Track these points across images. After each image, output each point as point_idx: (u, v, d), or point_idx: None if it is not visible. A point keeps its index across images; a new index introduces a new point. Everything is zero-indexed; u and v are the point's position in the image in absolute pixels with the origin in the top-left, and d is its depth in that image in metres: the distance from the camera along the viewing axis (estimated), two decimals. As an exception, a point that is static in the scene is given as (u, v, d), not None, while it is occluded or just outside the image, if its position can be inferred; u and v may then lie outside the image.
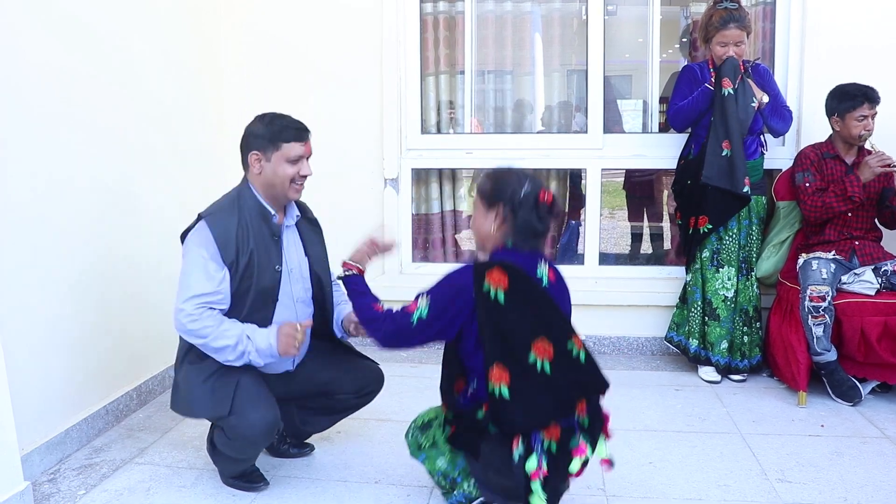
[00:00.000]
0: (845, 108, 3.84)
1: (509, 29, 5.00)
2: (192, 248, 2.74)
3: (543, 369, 2.29)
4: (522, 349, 2.29)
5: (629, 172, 6.06)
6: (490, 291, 2.29)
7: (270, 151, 2.79)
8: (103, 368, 3.56)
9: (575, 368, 2.36)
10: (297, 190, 2.86)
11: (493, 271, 2.31)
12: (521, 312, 2.31)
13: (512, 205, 2.39)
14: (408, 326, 2.41)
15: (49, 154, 3.18)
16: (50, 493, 2.95)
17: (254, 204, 2.83)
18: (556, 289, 2.47)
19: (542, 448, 2.29)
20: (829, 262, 3.82)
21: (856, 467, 3.12)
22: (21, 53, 3.03)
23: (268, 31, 4.76)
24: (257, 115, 2.88)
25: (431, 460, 2.59)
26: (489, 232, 2.44)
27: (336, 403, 3.09)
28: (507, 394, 2.26)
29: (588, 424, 2.39)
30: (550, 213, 2.43)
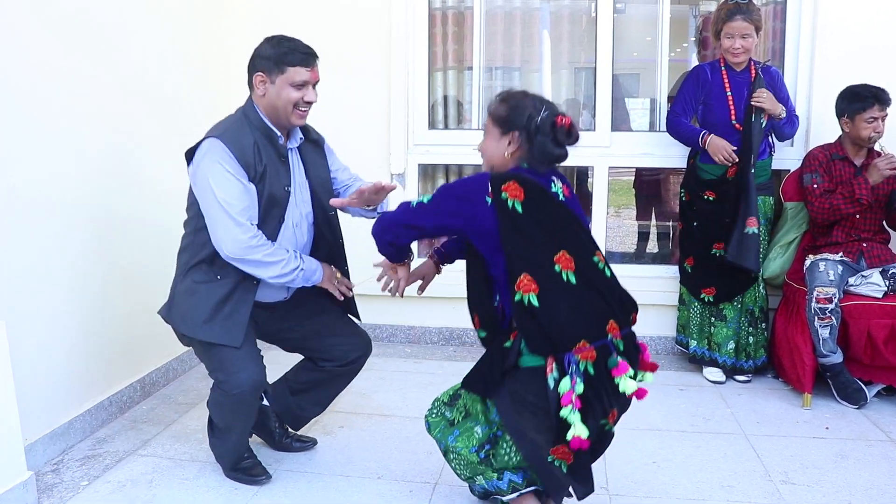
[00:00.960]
0: (855, 110, 3.82)
1: (518, 25, 4.98)
2: (212, 166, 2.67)
3: (569, 280, 2.27)
4: (546, 259, 2.27)
5: (639, 171, 6.04)
6: (508, 201, 2.27)
7: (275, 74, 2.76)
8: (107, 360, 3.56)
9: (602, 281, 2.35)
10: (300, 115, 2.82)
11: (510, 183, 2.29)
12: (540, 223, 2.29)
13: (528, 131, 2.37)
14: (405, 207, 2.41)
15: (55, 145, 3.19)
16: (53, 484, 2.96)
17: (260, 125, 2.81)
18: (571, 203, 2.45)
19: (577, 370, 2.23)
20: (836, 264, 3.81)
21: (860, 470, 3.11)
22: (27, 44, 3.03)
23: (275, 24, 4.73)
24: (266, 37, 2.84)
25: (467, 435, 2.50)
26: (503, 157, 2.43)
27: (322, 375, 3.09)
28: (536, 302, 2.23)
29: (623, 348, 2.33)
30: (569, 136, 2.40)
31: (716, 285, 4.12)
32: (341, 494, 2.91)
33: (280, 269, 2.72)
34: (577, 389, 2.22)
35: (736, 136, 4.01)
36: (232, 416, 2.88)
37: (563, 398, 2.22)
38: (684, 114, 4.19)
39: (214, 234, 2.70)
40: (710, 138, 4.01)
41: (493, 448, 2.49)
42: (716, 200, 4.08)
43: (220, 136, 2.71)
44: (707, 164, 4.11)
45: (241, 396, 2.77)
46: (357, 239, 3.28)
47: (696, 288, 4.21)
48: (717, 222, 4.07)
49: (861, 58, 4.25)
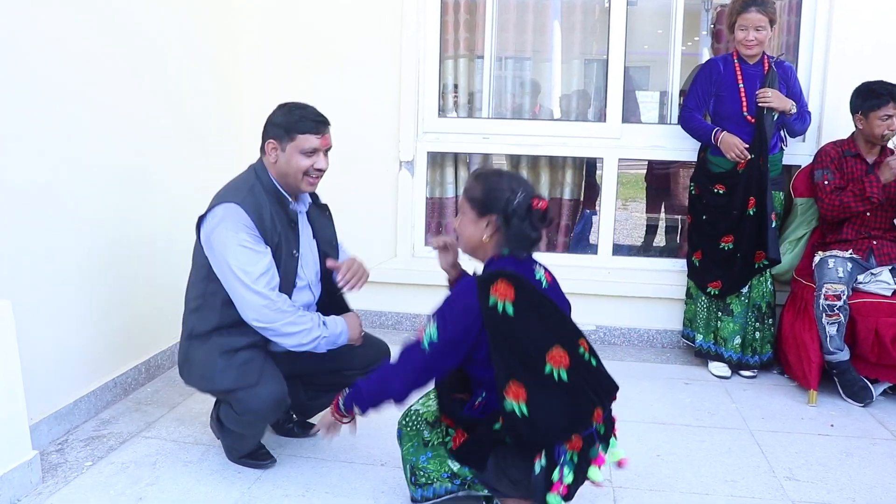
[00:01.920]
0: (870, 107, 3.79)
1: (530, 14, 4.96)
2: (230, 235, 2.66)
3: (560, 377, 2.23)
4: (537, 361, 2.23)
5: (651, 164, 6.02)
6: (497, 305, 2.22)
7: (286, 141, 2.76)
8: (112, 342, 3.56)
9: (589, 373, 2.32)
10: (310, 183, 2.83)
11: (498, 284, 2.24)
12: (532, 323, 2.25)
13: (505, 214, 2.33)
14: (421, 356, 2.32)
15: (67, 135, 3.19)
16: (57, 463, 2.97)
17: (272, 189, 2.81)
18: (553, 291, 2.44)
19: (566, 460, 2.25)
20: (845, 261, 3.79)
21: (865, 468, 3.10)
22: (42, 36, 3.04)
23: (286, 13, 4.73)
24: (279, 104, 2.84)
25: (440, 461, 2.52)
26: (480, 240, 2.40)
27: (343, 380, 3.06)
28: (525, 411, 2.20)
29: (603, 431, 2.36)
30: (544, 220, 2.36)
31: (722, 279, 4.11)
32: (344, 480, 2.91)
33: (300, 338, 2.71)
34: (565, 480, 2.24)
35: (748, 128, 3.99)
36: (251, 428, 2.88)
37: (554, 487, 2.24)
38: (697, 109, 4.17)
39: (236, 303, 2.71)
40: (722, 135, 4.00)
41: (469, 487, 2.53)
42: (725, 194, 4.07)
43: (240, 202, 2.71)
44: (717, 157, 4.09)
45: (263, 413, 2.76)
46: (361, 228, 3.27)
47: (702, 282, 4.20)
48: (727, 216, 4.06)
49: (876, 54, 4.21)
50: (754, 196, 3.96)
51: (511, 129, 4.81)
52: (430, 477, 2.55)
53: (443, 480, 2.54)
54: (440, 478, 2.54)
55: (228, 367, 2.75)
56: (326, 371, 3.04)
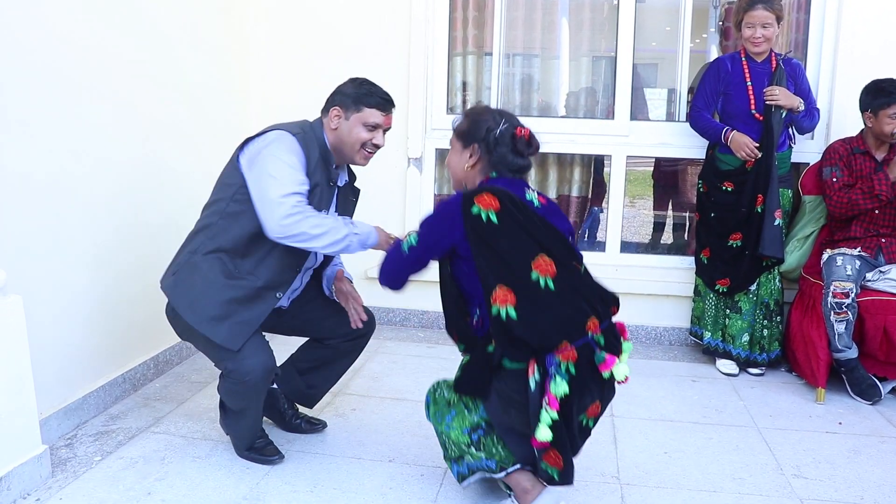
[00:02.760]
0: (879, 105, 3.78)
1: (539, 11, 4.96)
2: (282, 154, 2.69)
3: (547, 286, 2.27)
4: (523, 267, 2.28)
5: (659, 161, 6.01)
6: (481, 213, 2.29)
7: (352, 111, 2.82)
8: (121, 337, 3.58)
9: (580, 283, 2.36)
10: (364, 156, 2.90)
11: (483, 195, 2.32)
12: (517, 231, 2.30)
13: (487, 142, 2.43)
14: (399, 256, 2.46)
15: (76, 125, 3.20)
16: (67, 458, 2.98)
17: (323, 147, 2.85)
18: (548, 210, 2.47)
19: (560, 370, 2.23)
20: (854, 259, 3.78)
21: (873, 466, 3.09)
22: (52, 28, 3.04)
23: (295, 7, 4.74)
24: (351, 77, 2.92)
25: (461, 417, 2.51)
26: (464, 169, 2.49)
27: (329, 352, 3.12)
28: (514, 314, 2.24)
29: (604, 343, 2.34)
30: (528, 146, 2.46)
31: (730, 276, 4.11)
32: (352, 477, 2.91)
33: (331, 237, 2.67)
34: (554, 390, 2.22)
35: (756, 125, 3.99)
36: (244, 400, 2.89)
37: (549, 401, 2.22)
38: (706, 108, 4.17)
39: (263, 214, 2.67)
40: (732, 134, 3.99)
41: (485, 436, 2.50)
42: (734, 191, 4.06)
43: (295, 134, 2.76)
44: (725, 154, 4.09)
45: (254, 383, 2.78)
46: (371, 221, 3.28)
47: (710, 279, 4.20)
48: (735, 213, 4.06)
49: (885, 52, 4.20)
50: (762, 194, 3.96)
51: (519, 125, 4.80)
52: (460, 447, 2.53)
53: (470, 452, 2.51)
54: (466, 446, 2.51)
55: (222, 318, 2.73)
56: (309, 331, 3.11)
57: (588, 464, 2.98)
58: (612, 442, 3.25)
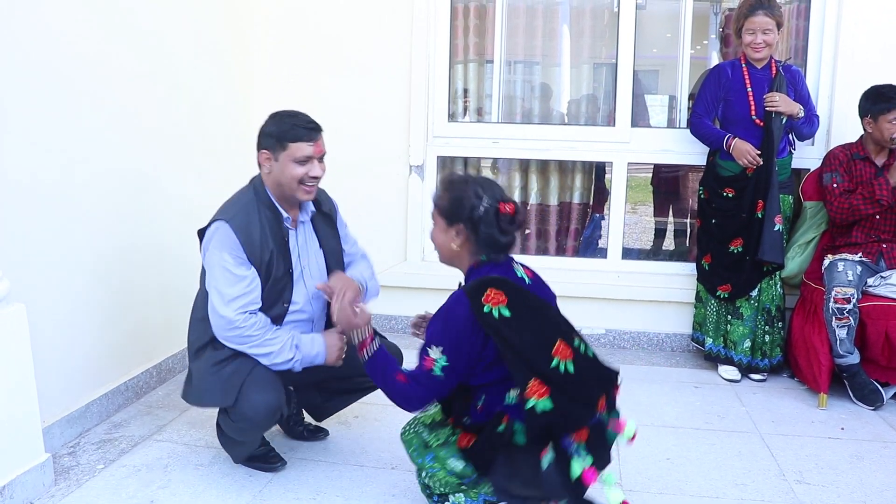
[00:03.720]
0: (879, 110, 3.79)
1: (540, 19, 4.97)
2: (216, 254, 2.70)
3: (567, 370, 2.25)
4: (544, 357, 2.25)
5: (657, 168, 6.02)
6: (493, 312, 2.25)
7: (278, 151, 2.74)
8: (124, 346, 3.58)
9: (590, 363, 2.34)
10: (306, 191, 2.79)
11: (489, 292, 2.27)
12: (530, 321, 2.28)
13: (472, 222, 2.35)
14: (436, 381, 2.35)
15: (79, 139, 3.22)
16: (70, 466, 2.98)
17: (268, 203, 2.81)
18: (537, 286, 2.46)
19: (575, 450, 2.25)
20: (855, 265, 3.78)
21: (876, 471, 3.09)
22: (56, 40, 3.07)
23: (297, 18, 4.76)
24: (271, 113, 2.83)
25: (442, 460, 2.49)
26: (452, 249, 2.43)
27: (355, 385, 3.09)
28: (550, 405, 2.21)
29: (607, 420, 2.36)
30: (513, 223, 2.38)
31: (731, 282, 4.11)
32: (355, 484, 2.92)
33: (272, 359, 2.73)
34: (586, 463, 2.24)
35: (756, 132, 4.00)
36: (245, 436, 2.86)
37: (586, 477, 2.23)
38: (706, 115, 4.18)
39: (211, 321, 2.75)
40: (734, 142, 4.00)
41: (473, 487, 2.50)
42: (735, 197, 4.07)
43: (229, 220, 2.72)
44: (726, 160, 4.09)
45: (256, 421, 2.74)
46: (371, 232, 3.29)
47: (712, 285, 4.20)
48: (736, 219, 4.06)
49: (885, 58, 4.21)
50: (763, 199, 3.97)
51: (520, 133, 4.83)
52: (443, 484, 2.52)
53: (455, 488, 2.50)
54: (450, 484, 2.50)
55: (215, 383, 2.75)
56: (337, 378, 3.04)
57: (590, 470, 2.98)
58: (615, 448, 3.23)
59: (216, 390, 2.75)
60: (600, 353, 2.42)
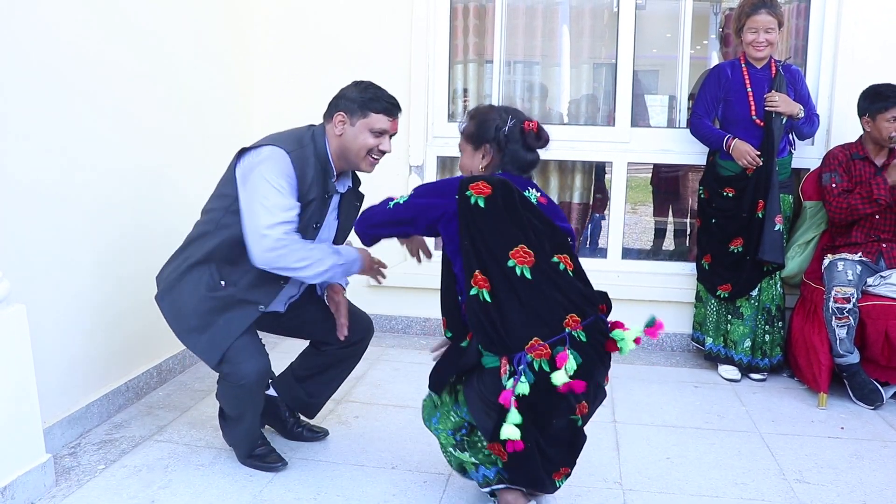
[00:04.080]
0: (877, 109, 3.80)
1: (539, 19, 4.97)
2: (272, 176, 2.67)
3: (524, 274, 2.28)
4: (501, 253, 2.30)
5: (657, 168, 6.03)
6: (471, 197, 2.32)
7: (357, 117, 2.79)
8: (125, 346, 3.59)
9: (560, 279, 2.35)
10: (370, 163, 2.87)
11: (479, 182, 2.35)
12: (500, 218, 2.32)
13: (498, 141, 2.45)
14: (382, 207, 2.49)
15: (78, 133, 3.21)
16: (71, 467, 2.99)
17: (323, 158, 2.83)
18: (547, 208, 2.48)
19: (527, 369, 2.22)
20: (855, 264, 3.79)
21: (875, 471, 3.09)
22: (58, 38, 3.07)
23: (297, 18, 4.76)
24: (355, 81, 2.87)
25: (445, 418, 2.55)
26: (479, 170, 2.51)
27: (326, 359, 3.12)
28: (488, 297, 2.27)
29: (586, 338, 2.32)
30: (538, 139, 2.48)
31: (731, 281, 4.11)
32: (355, 484, 2.92)
33: (315, 269, 2.70)
34: (517, 390, 2.21)
35: (757, 132, 4.00)
36: (241, 404, 2.90)
37: (501, 397, 2.22)
38: (706, 115, 4.18)
39: (247, 238, 2.70)
40: (734, 142, 4.01)
41: (469, 435, 2.54)
42: (735, 197, 4.07)
43: (289, 151, 2.72)
44: (726, 160, 4.10)
45: (248, 387, 2.79)
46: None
47: (712, 285, 4.20)
48: (736, 219, 4.07)
49: (885, 57, 4.21)
50: (763, 199, 3.97)
51: (520, 133, 4.81)
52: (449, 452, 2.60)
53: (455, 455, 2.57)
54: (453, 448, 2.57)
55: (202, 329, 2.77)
56: (305, 334, 3.11)
57: (591, 469, 2.99)
58: (615, 448, 3.25)
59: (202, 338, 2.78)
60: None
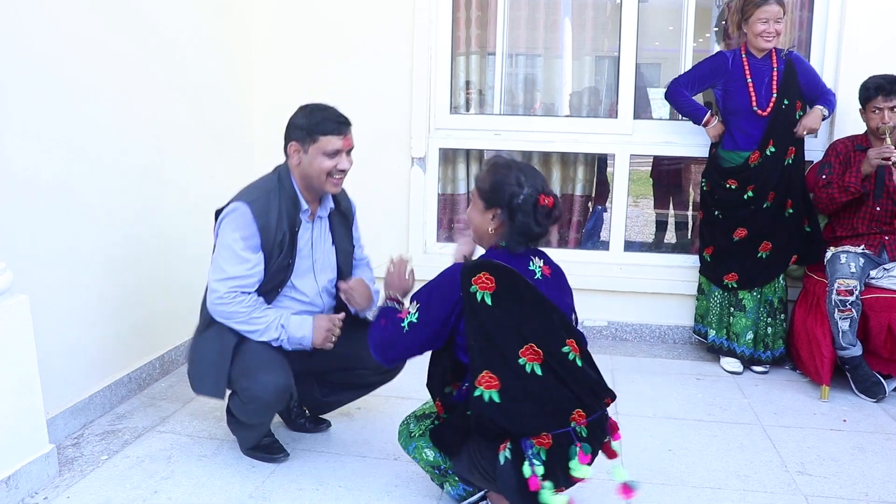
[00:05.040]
0: (864, 100, 3.86)
1: (542, 11, 4.97)
2: (228, 233, 2.75)
3: (534, 371, 2.24)
4: (511, 353, 2.25)
5: (657, 160, 6.02)
6: (477, 294, 2.26)
7: (308, 143, 2.79)
8: (127, 337, 3.59)
9: (571, 372, 2.30)
10: (334, 184, 2.86)
11: (481, 275, 2.28)
12: (508, 315, 2.26)
13: (510, 208, 2.35)
14: (399, 333, 2.40)
15: (81, 126, 3.22)
16: (74, 457, 2.99)
17: (291, 193, 2.86)
18: (551, 283, 2.44)
19: (533, 454, 2.22)
20: (857, 256, 3.78)
21: (878, 463, 3.10)
22: (60, 28, 3.06)
23: (299, 9, 4.74)
24: (301, 106, 2.87)
25: (420, 450, 2.57)
26: (487, 231, 2.42)
27: (357, 379, 3.09)
28: (496, 398, 2.22)
29: (587, 435, 2.31)
30: (550, 216, 2.38)
31: (738, 271, 4.11)
32: (358, 475, 2.93)
33: (257, 337, 2.80)
34: (538, 472, 2.20)
35: (758, 122, 4.00)
36: (256, 417, 2.90)
37: (531, 483, 2.20)
38: (687, 87, 4.22)
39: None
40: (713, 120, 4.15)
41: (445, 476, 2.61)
42: (738, 188, 4.07)
43: (250, 203, 2.77)
44: (728, 152, 4.10)
45: (266, 402, 2.77)
46: (373, 225, 3.29)
47: (717, 276, 4.20)
48: (740, 209, 4.06)
49: (889, 49, 4.19)
50: (773, 191, 3.98)
51: (523, 125, 4.82)
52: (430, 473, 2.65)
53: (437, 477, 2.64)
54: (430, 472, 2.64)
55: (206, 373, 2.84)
56: (339, 369, 3.06)
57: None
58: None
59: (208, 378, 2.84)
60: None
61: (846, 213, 3.97)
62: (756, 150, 4.00)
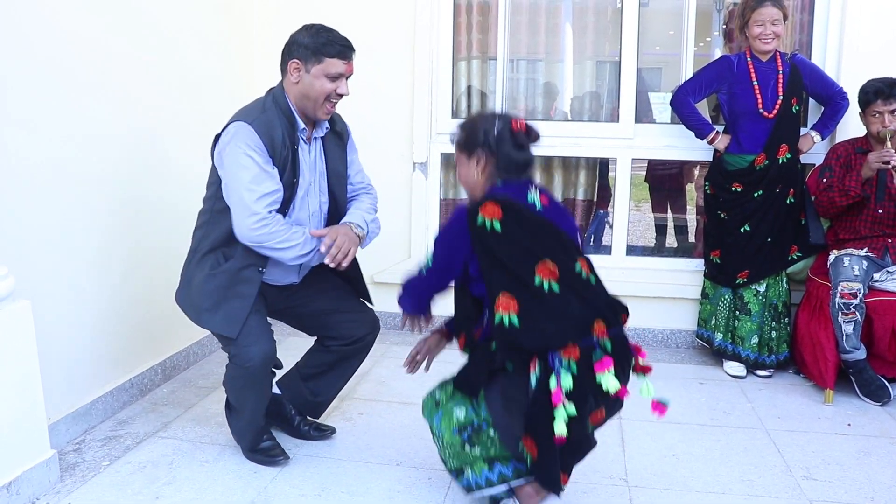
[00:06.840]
0: (863, 105, 3.85)
1: (543, 16, 4.96)
2: (241, 153, 2.68)
3: (552, 289, 2.29)
4: (527, 274, 2.29)
5: (651, 164, 6.03)
6: (485, 223, 2.31)
7: (311, 63, 2.76)
8: (129, 343, 3.58)
9: (586, 289, 2.36)
10: (327, 110, 2.84)
11: (486, 205, 2.34)
12: (520, 238, 2.32)
13: (489, 145, 2.43)
14: (418, 279, 2.51)
15: (82, 127, 3.21)
16: (75, 463, 2.98)
17: (287, 112, 2.82)
18: (551, 212, 2.47)
19: (562, 366, 2.23)
20: (861, 259, 3.77)
21: (884, 467, 3.08)
22: (59, 20, 3.06)
23: (299, 10, 4.74)
24: (305, 25, 2.84)
25: (448, 416, 2.52)
26: (475, 178, 2.48)
27: (332, 356, 3.11)
28: (516, 321, 2.26)
29: (611, 349, 2.31)
30: (528, 137, 2.47)
31: (748, 267, 4.11)
32: (360, 480, 2.91)
33: (295, 251, 2.75)
34: (564, 386, 2.21)
35: (764, 125, 4.00)
36: (245, 390, 2.91)
37: (554, 397, 2.22)
38: (692, 94, 4.21)
39: (234, 220, 2.74)
40: (719, 137, 4.14)
41: (476, 434, 2.51)
42: (743, 192, 4.06)
43: (251, 121, 2.72)
44: (733, 155, 4.09)
45: (253, 370, 2.80)
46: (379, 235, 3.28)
47: (729, 276, 4.18)
48: (746, 205, 4.08)
49: (890, 51, 4.18)
50: (794, 188, 4.06)
51: (524, 129, 4.80)
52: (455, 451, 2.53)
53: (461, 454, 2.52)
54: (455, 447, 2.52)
55: (215, 308, 2.80)
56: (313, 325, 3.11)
57: (596, 466, 2.98)
58: (620, 444, 3.24)
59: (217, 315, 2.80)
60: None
61: (848, 216, 3.95)
62: (761, 152, 4.00)
